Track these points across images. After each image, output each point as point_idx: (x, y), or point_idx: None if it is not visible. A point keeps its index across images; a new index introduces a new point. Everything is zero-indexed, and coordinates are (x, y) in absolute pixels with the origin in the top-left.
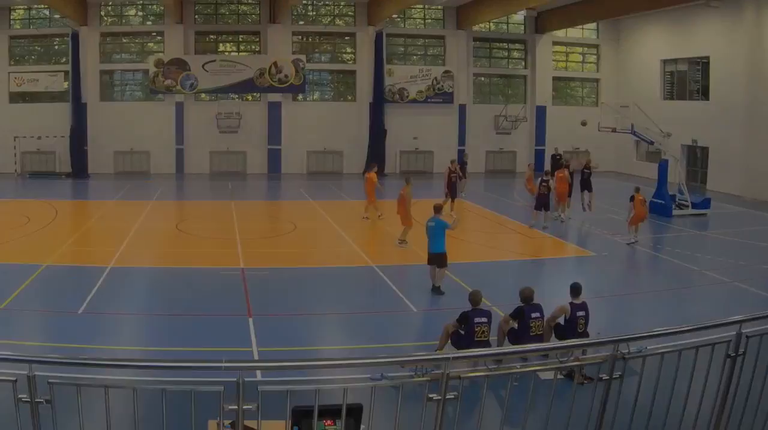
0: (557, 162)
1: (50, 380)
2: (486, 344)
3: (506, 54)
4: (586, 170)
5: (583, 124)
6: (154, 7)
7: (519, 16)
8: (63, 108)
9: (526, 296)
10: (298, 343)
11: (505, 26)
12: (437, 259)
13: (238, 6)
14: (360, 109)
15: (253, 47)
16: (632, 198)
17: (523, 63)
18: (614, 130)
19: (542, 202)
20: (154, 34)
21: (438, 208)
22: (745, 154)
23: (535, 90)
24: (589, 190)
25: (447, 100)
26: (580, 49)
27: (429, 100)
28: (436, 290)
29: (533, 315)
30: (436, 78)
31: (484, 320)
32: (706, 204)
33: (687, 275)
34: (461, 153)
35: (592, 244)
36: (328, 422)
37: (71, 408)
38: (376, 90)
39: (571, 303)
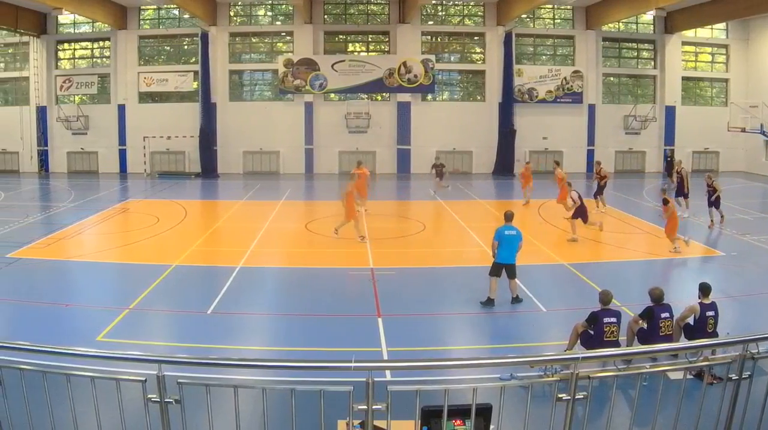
0: (670, 164)
1: (179, 380)
2: (615, 344)
3: (635, 54)
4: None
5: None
6: (284, 6)
7: (648, 16)
8: (192, 108)
9: (656, 296)
10: (428, 343)
11: (634, 26)
12: (512, 270)
13: (368, 6)
14: (489, 110)
15: (383, 47)
16: (665, 201)
17: (653, 63)
18: (743, 131)
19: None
20: (284, 34)
21: (510, 217)
22: None
23: (665, 90)
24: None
25: (576, 101)
26: (709, 49)
27: (558, 100)
28: (516, 300)
29: (663, 315)
30: (565, 78)
31: (613, 320)
32: None
33: None
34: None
35: (721, 244)
36: (458, 422)
37: (200, 408)
38: (505, 90)
39: (700, 303)
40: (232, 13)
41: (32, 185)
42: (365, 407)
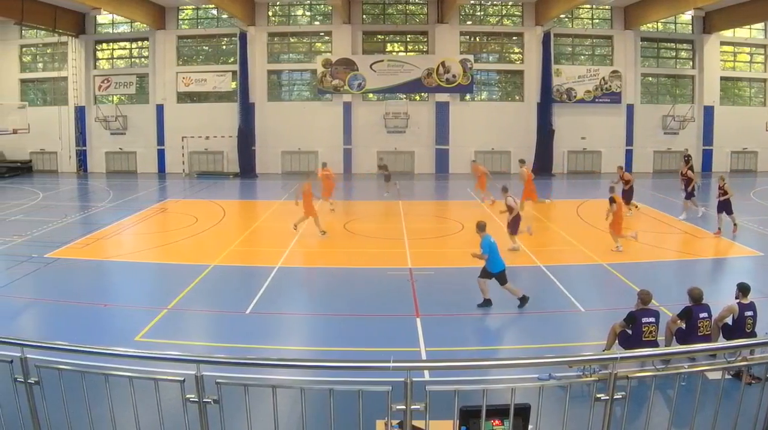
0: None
1: (218, 380)
2: (654, 344)
3: (674, 54)
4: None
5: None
6: (322, 6)
7: (686, 16)
8: (231, 108)
9: (695, 296)
10: (466, 343)
11: (672, 26)
12: (503, 276)
13: (406, 6)
14: (528, 110)
15: (421, 47)
16: (612, 200)
17: (691, 63)
18: None
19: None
20: (322, 34)
21: (484, 226)
22: None
23: (703, 90)
24: (728, 212)
25: (615, 100)
26: (747, 49)
27: (597, 100)
28: (523, 301)
29: (701, 315)
30: (603, 78)
31: (651, 320)
32: None
33: None
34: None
35: (760, 243)
36: (496, 422)
37: (239, 408)
38: (544, 90)
39: (739, 303)
40: (270, 13)
41: (71, 185)
42: (404, 407)
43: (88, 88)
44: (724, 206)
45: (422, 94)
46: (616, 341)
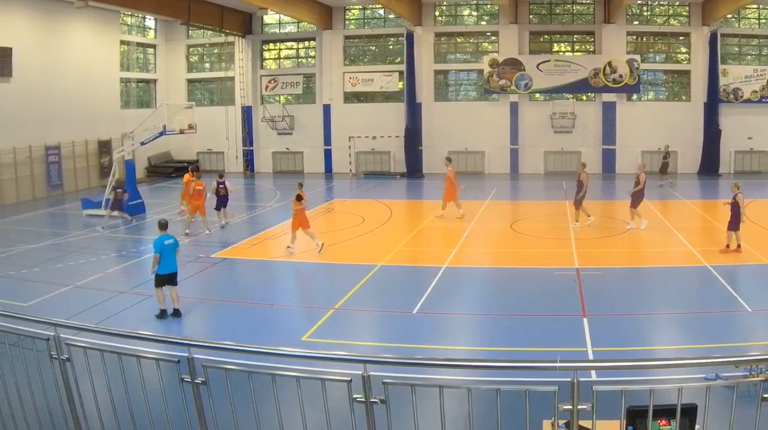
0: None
1: (385, 380)
2: None
3: None
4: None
5: None
6: (489, 6)
7: None
8: (397, 108)
9: None
10: (633, 343)
11: None
12: (173, 279)
13: (573, 6)
14: (694, 110)
15: (587, 47)
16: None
17: None
18: None
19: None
20: (489, 33)
21: (164, 225)
22: None
23: None
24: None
25: None
26: None
27: (764, 100)
28: (177, 313)
29: None
30: None
31: None
32: None
33: None
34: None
35: None
36: (663, 422)
37: (405, 408)
38: (711, 90)
39: None
40: (437, 13)
41: (238, 185)
42: (570, 407)
43: (255, 88)
44: (732, 221)
45: (589, 94)
46: None
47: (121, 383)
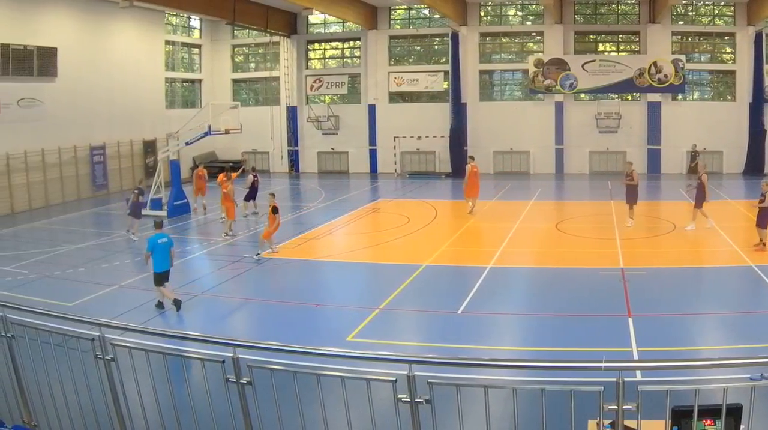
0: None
1: (430, 380)
2: None
3: None
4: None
5: None
6: (534, 6)
7: None
8: (442, 108)
9: None
10: (678, 343)
11: None
12: (167, 276)
13: (618, 6)
14: (739, 110)
15: (633, 47)
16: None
17: None
18: None
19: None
20: (534, 34)
21: (159, 224)
22: None
23: None
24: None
25: None
26: None
27: None
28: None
29: None
30: None
31: None
32: None
33: None
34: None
35: None
36: (708, 422)
37: (450, 408)
38: (756, 90)
39: None
40: (482, 13)
41: (283, 185)
42: (615, 407)
43: (300, 88)
44: (759, 219)
45: (634, 94)
46: None
47: (166, 383)
